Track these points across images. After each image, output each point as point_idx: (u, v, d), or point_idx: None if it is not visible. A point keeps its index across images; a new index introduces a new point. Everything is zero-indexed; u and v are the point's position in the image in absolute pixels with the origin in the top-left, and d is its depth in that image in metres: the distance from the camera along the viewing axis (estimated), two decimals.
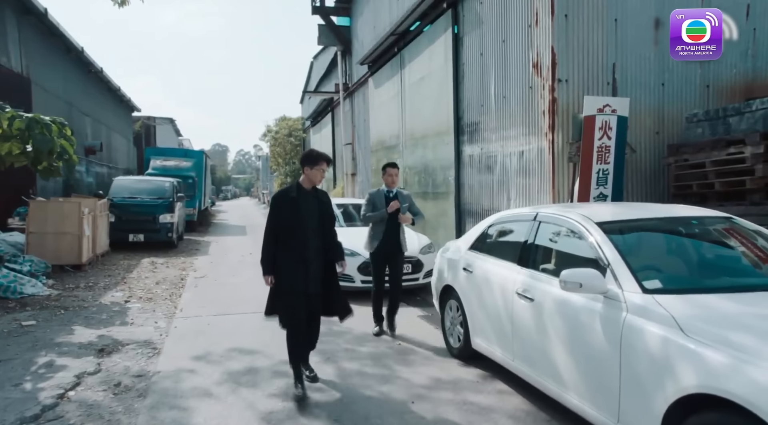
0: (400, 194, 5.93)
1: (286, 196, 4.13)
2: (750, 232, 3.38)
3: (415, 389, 4.12)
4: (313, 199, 4.16)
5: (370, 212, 5.85)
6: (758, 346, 2.15)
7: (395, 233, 5.86)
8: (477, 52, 8.83)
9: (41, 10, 14.55)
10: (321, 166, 4.13)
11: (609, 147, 6.45)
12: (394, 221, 5.78)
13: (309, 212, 4.10)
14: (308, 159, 4.15)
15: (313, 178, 4.15)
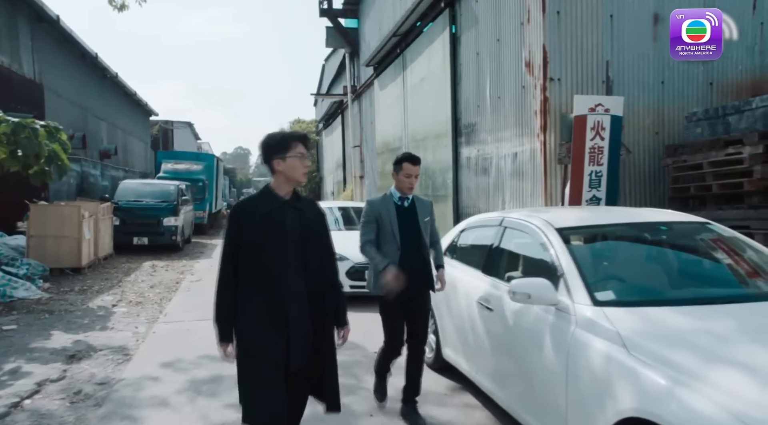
0: (419, 203, 3.65)
1: (251, 211, 2.49)
2: (725, 239, 3.14)
3: None
4: (293, 212, 2.51)
5: (371, 235, 3.55)
6: (697, 367, 1.94)
7: (418, 259, 3.55)
8: (473, 52, 8.64)
9: (53, 18, 14.82)
10: (296, 151, 2.49)
11: (602, 148, 6.20)
12: (412, 233, 3.57)
13: (288, 235, 2.47)
14: (275, 146, 2.49)
15: (291, 174, 2.48)
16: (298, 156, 2.48)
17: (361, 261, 7.30)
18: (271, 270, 2.43)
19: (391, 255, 3.47)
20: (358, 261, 7.27)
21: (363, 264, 7.34)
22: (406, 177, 3.53)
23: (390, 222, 3.51)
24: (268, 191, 2.53)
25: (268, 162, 2.50)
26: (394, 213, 3.54)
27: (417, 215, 3.59)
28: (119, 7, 9.54)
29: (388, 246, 3.51)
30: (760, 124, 5.32)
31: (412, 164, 3.54)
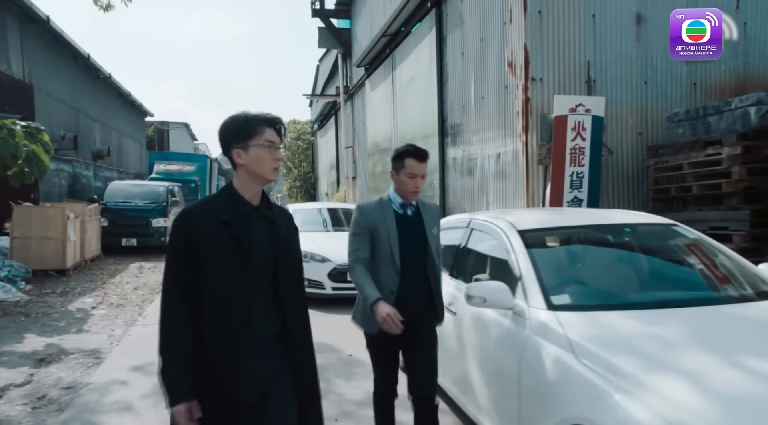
0: (425, 209, 2.80)
1: (205, 218, 1.78)
2: (690, 241, 3.08)
3: (346, 405, 3.90)
4: (263, 224, 1.84)
5: (363, 252, 2.69)
6: (640, 374, 1.89)
7: (422, 284, 2.73)
8: (459, 52, 8.59)
9: (43, 18, 14.77)
10: (263, 138, 1.80)
11: (583, 148, 6.15)
12: (417, 251, 2.71)
13: (257, 256, 1.78)
14: (236, 132, 1.83)
15: (257, 169, 1.80)
16: (265, 145, 1.76)
17: (343, 262, 7.25)
18: (229, 308, 1.70)
19: (389, 280, 2.60)
20: (340, 262, 7.23)
21: (345, 266, 7.28)
22: (410, 177, 2.64)
23: (388, 236, 2.62)
24: (230, 192, 1.81)
25: (227, 152, 1.82)
26: (394, 225, 2.64)
27: (424, 227, 2.71)
28: (104, 7, 9.50)
29: (384, 269, 2.62)
30: (739, 124, 5.27)
31: (417, 160, 2.65)
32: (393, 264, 2.64)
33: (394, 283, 2.64)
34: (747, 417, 1.62)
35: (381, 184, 13.47)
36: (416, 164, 2.68)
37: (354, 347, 5.33)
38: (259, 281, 1.77)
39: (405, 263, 2.66)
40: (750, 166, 5.03)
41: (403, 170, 2.69)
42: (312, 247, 7.53)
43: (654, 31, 6.73)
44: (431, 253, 2.72)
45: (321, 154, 26.51)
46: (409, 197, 2.71)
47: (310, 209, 10.21)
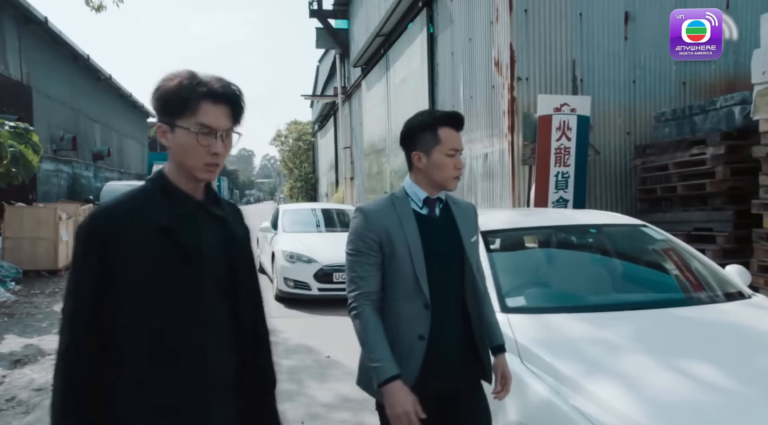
0: (457, 208, 1.89)
1: (132, 223, 1.26)
2: (657, 242, 3.02)
3: (314, 408, 3.86)
4: (213, 224, 1.36)
5: (371, 284, 1.74)
6: (580, 378, 1.84)
7: (455, 316, 1.79)
8: (449, 52, 8.55)
9: (41, 19, 14.84)
10: (196, 119, 1.27)
11: (569, 148, 6.08)
12: (452, 270, 1.80)
13: (210, 268, 1.32)
14: (168, 102, 1.29)
15: (184, 160, 1.30)
16: (193, 130, 1.26)
17: (330, 263, 7.22)
18: (184, 340, 1.26)
19: (415, 320, 1.71)
20: (326, 263, 7.20)
21: (332, 266, 7.26)
22: (449, 155, 1.76)
23: (408, 250, 1.72)
24: (163, 184, 1.31)
25: (162, 122, 1.32)
26: (416, 232, 1.74)
27: (459, 232, 1.81)
28: (96, 8, 9.53)
29: (404, 303, 1.72)
30: (723, 124, 5.20)
31: (456, 129, 1.81)
32: (419, 293, 1.70)
33: (424, 323, 1.69)
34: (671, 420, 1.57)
35: (377, 184, 13.44)
36: (455, 135, 1.79)
37: (333, 349, 5.30)
38: (214, 304, 1.31)
39: (436, 291, 1.71)
40: (734, 166, 4.96)
41: (438, 146, 1.75)
42: (299, 248, 7.50)
43: (642, 29, 6.66)
44: (471, 272, 1.77)
45: (321, 155, 26.53)
46: (449, 186, 1.79)
47: (303, 209, 10.19)
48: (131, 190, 1.33)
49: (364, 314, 1.71)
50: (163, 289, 1.25)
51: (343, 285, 7.27)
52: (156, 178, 1.34)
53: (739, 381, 1.78)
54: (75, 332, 1.23)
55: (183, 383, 1.26)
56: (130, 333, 1.24)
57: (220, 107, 1.29)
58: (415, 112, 1.89)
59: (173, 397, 1.25)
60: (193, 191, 1.33)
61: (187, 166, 1.30)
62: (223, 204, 1.42)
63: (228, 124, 1.31)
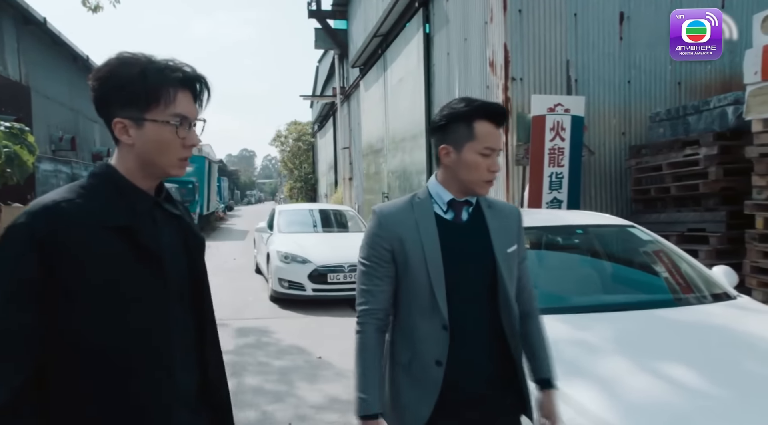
0: (492, 213, 1.60)
1: (83, 223, 1.07)
2: (644, 243, 3.01)
3: (303, 409, 3.85)
4: (170, 223, 1.22)
5: (380, 301, 1.55)
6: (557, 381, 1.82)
7: (482, 340, 1.53)
8: (445, 52, 8.54)
9: (40, 20, 14.87)
10: (172, 110, 1.14)
11: (563, 149, 6.07)
12: (478, 286, 1.52)
13: (172, 274, 1.17)
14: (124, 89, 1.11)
15: (158, 158, 1.15)
16: (172, 122, 1.13)
17: (324, 263, 7.21)
18: (145, 353, 1.11)
19: (431, 342, 1.49)
20: (321, 264, 7.19)
21: (326, 267, 7.25)
22: (484, 155, 1.51)
23: (424, 261, 1.50)
24: (115, 179, 1.15)
25: (105, 117, 1.14)
26: (435, 239, 1.51)
27: (490, 242, 1.54)
28: (93, 8, 9.54)
29: (420, 322, 1.51)
30: (717, 124, 5.18)
31: (495, 125, 1.54)
32: (435, 310, 1.47)
33: (441, 346, 1.47)
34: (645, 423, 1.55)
35: (375, 185, 13.44)
36: (494, 131, 1.53)
37: (325, 349, 5.29)
38: (177, 312, 1.17)
39: (458, 309, 1.48)
40: (727, 167, 4.94)
41: (471, 142, 1.50)
42: (294, 248, 7.50)
43: (637, 30, 6.65)
44: (505, 290, 1.50)
45: (320, 155, 26.54)
46: (478, 190, 1.54)
47: (299, 210, 10.18)
48: (71, 185, 1.14)
49: (364, 334, 1.53)
50: (118, 297, 1.08)
51: (337, 285, 7.34)
52: (103, 172, 1.15)
53: (715, 383, 1.76)
54: (7, 346, 1.02)
55: (143, 401, 1.10)
56: (81, 347, 1.06)
57: (189, 93, 1.17)
58: (413, 114, 1.81)
59: (131, 418, 1.09)
60: (149, 189, 1.18)
61: (160, 163, 1.14)
62: (176, 202, 1.28)
63: (195, 111, 1.18)
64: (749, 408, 1.67)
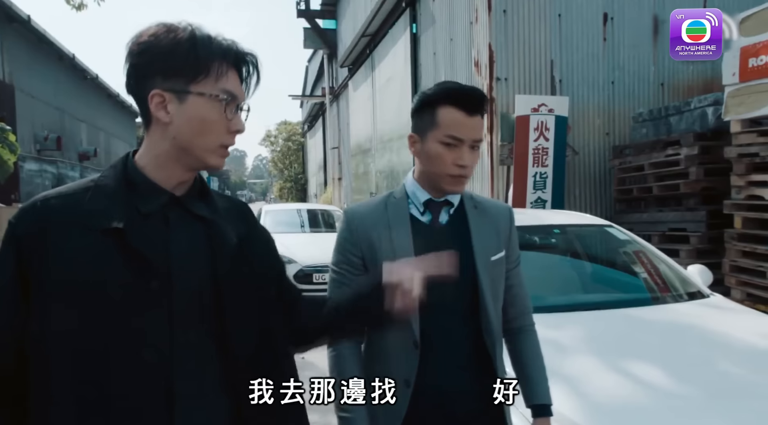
0: (476, 212, 1.41)
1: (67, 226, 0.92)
2: (620, 242, 3.02)
3: None
4: (190, 226, 0.99)
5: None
6: None
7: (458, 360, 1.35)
8: (431, 52, 8.55)
9: (24, 18, 14.72)
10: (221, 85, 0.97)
11: (547, 149, 6.09)
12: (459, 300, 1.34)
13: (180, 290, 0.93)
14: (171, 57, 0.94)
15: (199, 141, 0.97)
16: (221, 97, 0.97)
17: (310, 264, 7.19)
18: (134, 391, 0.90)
19: (400, 360, 1.34)
20: (306, 264, 7.17)
21: (312, 267, 7.23)
22: (447, 145, 1.32)
23: None
24: (130, 173, 0.98)
25: (138, 89, 0.98)
26: (408, 244, 1.35)
27: (472, 248, 1.36)
28: (77, 7, 9.45)
29: (392, 337, 1.34)
30: (698, 124, 5.22)
31: (465, 112, 1.31)
32: (406, 327, 1.30)
33: (410, 365, 1.32)
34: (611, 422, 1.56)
35: (363, 185, 13.43)
36: (462, 119, 1.31)
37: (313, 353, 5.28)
38: (186, 337, 0.92)
39: (432, 325, 1.32)
40: (707, 167, 4.98)
41: (434, 130, 1.33)
42: (279, 249, 7.40)
43: (621, 30, 6.69)
44: (486, 304, 1.33)
45: (310, 155, 26.50)
46: (446, 187, 1.35)
47: (286, 210, 10.15)
48: (85, 178, 1.01)
49: (336, 346, 1.36)
50: (101, 315, 0.88)
51: (322, 285, 7.33)
52: (119, 165, 0.99)
53: (683, 382, 1.77)
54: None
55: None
56: (52, 378, 0.87)
57: (236, 73, 1.00)
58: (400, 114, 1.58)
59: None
60: (174, 184, 0.98)
61: (198, 148, 0.96)
62: (214, 199, 1.04)
63: (242, 93, 1.01)
64: (715, 408, 1.68)
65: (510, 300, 1.42)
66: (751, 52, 4.36)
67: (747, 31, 4.89)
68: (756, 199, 4.29)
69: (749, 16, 4.42)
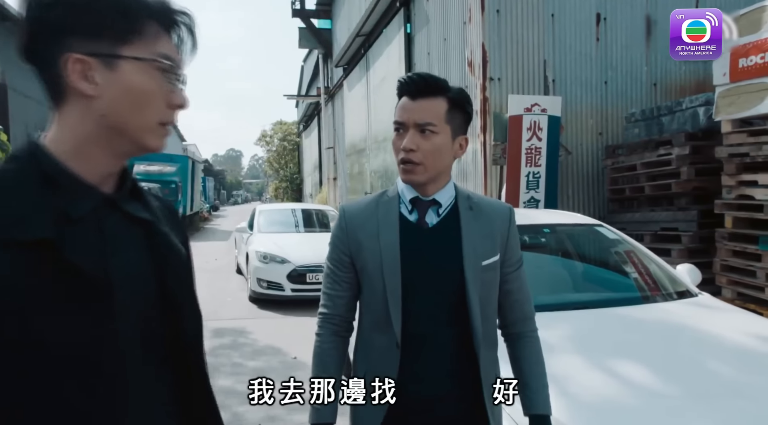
0: (471, 213, 1.36)
1: None
2: (610, 242, 3.03)
3: (274, 410, 3.82)
4: (130, 230, 0.81)
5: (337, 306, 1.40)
6: None
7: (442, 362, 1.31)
8: (425, 52, 8.55)
9: (17, 16, 14.53)
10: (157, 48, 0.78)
11: (540, 148, 6.10)
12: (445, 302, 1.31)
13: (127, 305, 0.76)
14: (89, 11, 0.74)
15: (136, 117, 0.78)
16: (159, 64, 0.78)
17: (303, 263, 7.18)
18: None
19: (381, 358, 1.32)
20: (300, 264, 7.16)
21: (306, 267, 7.22)
22: (396, 132, 1.34)
23: (380, 267, 1.31)
24: (44, 165, 0.75)
25: (51, 53, 0.75)
26: (394, 246, 1.31)
27: (461, 249, 1.31)
28: None
29: (375, 336, 1.34)
30: (689, 124, 5.24)
31: (410, 97, 1.31)
32: (388, 325, 1.29)
33: (391, 366, 1.29)
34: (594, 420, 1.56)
35: (358, 185, 13.42)
36: (405, 103, 1.31)
37: (300, 350, 5.26)
38: (139, 364, 0.78)
39: (416, 328, 1.29)
40: (698, 167, 5.00)
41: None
42: (273, 248, 7.46)
43: (614, 31, 6.71)
44: (472, 309, 1.28)
45: (306, 155, 26.47)
46: (401, 176, 1.33)
47: (280, 210, 10.13)
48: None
49: (320, 338, 1.40)
50: (38, 349, 0.68)
51: (316, 285, 7.31)
52: (25, 155, 0.76)
53: (669, 381, 1.78)
54: None
55: None
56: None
57: (167, 35, 0.80)
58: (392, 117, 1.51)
59: None
60: (100, 177, 0.79)
61: (133, 126, 0.78)
62: (148, 198, 0.87)
63: (179, 59, 0.82)
64: (702, 407, 1.68)
65: (509, 305, 1.38)
66: (741, 52, 4.39)
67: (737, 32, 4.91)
68: (746, 199, 4.31)
69: (739, 17, 4.44)
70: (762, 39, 4.29)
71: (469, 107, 1.35)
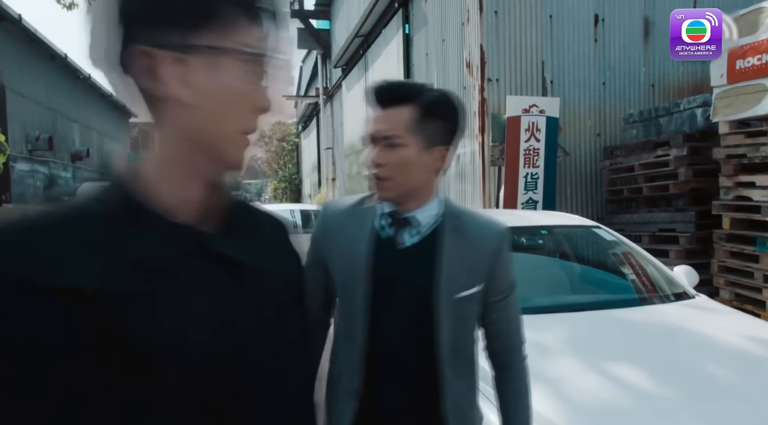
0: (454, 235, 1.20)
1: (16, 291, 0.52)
2: (607, 243, 3.03)
3: None
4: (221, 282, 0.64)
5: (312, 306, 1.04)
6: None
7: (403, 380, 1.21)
8: (423, 53, 8.56)
9: (15, 17, 14.62)
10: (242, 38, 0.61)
11: (538, 149, 6.11)
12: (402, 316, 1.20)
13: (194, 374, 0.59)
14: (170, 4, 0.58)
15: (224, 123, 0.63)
16: (246, 57, 0.61)
17: None
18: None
19: (347, 371, 1.23)
20: None
21: None
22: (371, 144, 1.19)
23: (348, 280, 1.22)
24: (130, 198, 0.61)
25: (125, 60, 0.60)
26: (365, 260, 1.18)
27: (432, 274, 1.17)
28: (68, 6, 9.42)
29: (343, 347, 1.26)
30: (687, 125, 5.25)
31: (381, 106, 1.18)
32: (355, 336, 1.21)
33: (355, 380, 1.21)
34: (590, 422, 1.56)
35: (356, 185, 13.42)
36: (375, 114, 1.19)
37: None
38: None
39: (378, 342, 1.20)
40: (696, 168, 5.00)
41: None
42: None
43: (612, 32, 6.72)
44: (440, 342, 1.17)
45: (304, 156, 26.45)
46: (379, 193, 1.20)
47: (280, 210, 10.11)
48: (65, 205, 0.62)
49: (330, 400, 1.27)
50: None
51: None
52: (114, 186, 0.63)
53: (664, 383, 1.78)
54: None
55: None
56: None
57: (253, 25, 0.64)
58: None
59: None
60: (188, 213, 0.64)
61: (219, 138, 0.64)
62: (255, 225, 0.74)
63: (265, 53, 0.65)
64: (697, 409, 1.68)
65: (493, 336, 1.27)
66: (738, 53, 4.39)
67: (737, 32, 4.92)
68: (743, 200, 4.31)
69: (737, 18, 4.45)
70: (759, 40, 4.30)
71: (453, 113, 1.22)
